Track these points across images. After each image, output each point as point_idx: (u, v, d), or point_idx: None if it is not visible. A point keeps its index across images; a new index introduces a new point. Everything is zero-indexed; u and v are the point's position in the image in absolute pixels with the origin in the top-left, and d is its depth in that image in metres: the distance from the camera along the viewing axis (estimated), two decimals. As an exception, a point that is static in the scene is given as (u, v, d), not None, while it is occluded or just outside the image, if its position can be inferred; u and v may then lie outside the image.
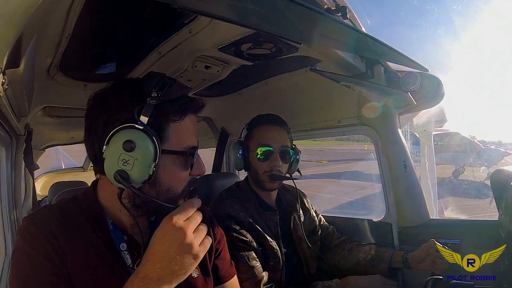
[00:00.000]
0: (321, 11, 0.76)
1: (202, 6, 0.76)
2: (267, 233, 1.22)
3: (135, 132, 0.62)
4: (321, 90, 1.58)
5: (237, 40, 1.10)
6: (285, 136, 1.30)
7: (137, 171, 0.62)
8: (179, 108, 0.68)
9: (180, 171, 0.70)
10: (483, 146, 10.28)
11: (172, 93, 0.66)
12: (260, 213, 1.26)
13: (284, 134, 1.30)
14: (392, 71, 1.33)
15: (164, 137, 0.66)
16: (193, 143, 0.72)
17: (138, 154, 0.61)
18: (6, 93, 0.78)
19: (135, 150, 0.61)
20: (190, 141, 0.71)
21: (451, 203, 5.99)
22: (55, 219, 0.65)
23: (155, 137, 0.62)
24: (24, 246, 0.62)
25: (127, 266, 0.67)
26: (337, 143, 18.19)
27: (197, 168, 0.73)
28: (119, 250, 0.67)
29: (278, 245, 1.23)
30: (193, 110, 0.72)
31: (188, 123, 0.70)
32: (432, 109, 1.67)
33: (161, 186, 0.68)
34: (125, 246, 0.68)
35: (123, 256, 0.67)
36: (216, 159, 2.27)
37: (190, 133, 0.71)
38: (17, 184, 1.26)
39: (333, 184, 9.37)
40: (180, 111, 0.68)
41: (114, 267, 0.66)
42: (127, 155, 0.61)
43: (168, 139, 0.67)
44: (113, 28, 1.12)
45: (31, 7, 0.56)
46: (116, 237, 0.68)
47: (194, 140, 0.72)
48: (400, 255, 1.29)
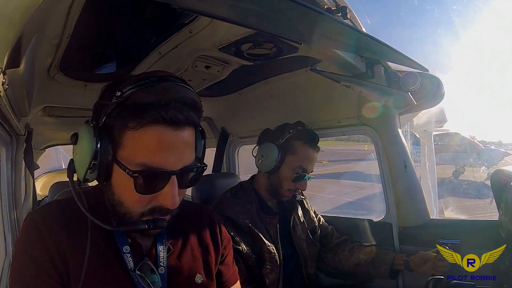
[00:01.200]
0: (321, 11, 0.76)
1: (202, 6, 0.75)
2: (266, 237, 1.22)
3: (85, 127, 0.60)
4: (321, 90, 1.58)
5: (237, 40, 1.10)
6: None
7: (76, 165, 0.62)
8: (138, 115, 0.56)
9: (132, 190, 0.58)
10: (483, 146, 10.27)
11: (142, 95, 0.56)
12: (260, 216, 1.25)
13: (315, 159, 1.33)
14: (392, 71, 1.33)
15: (119, 143, 0.58)
16: (153, 162, 0.57)
17: (78, 148, 0.61)
18: (6, 93, 0.78)
19: (77, 144, 0.61)
20: (147, 159, 0.57)
21: (451, 203, 5.99)
22: (60, 219, 0.64)
23: (99, 138, 0.57)
24: (24, 251, 0.61)
25: (128, 269, 0.65)
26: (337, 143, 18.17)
27: (161, 197, 0.60)
28: (122, 253, 0.66)
29: (276, 249, 1.23)
30: (158, 120, 0.56)
31: (149, 135, 0.56)
32: (432, 109, 1.67)
33: (115, 196, 0.63)
34: (128, 249, 0.66)
35: (125, 258, 0.66)
36: (216, 159, 2.26)
37: (148, 148, 0.56)
38: (17, 184, 1.26)
39: (333, 184, 9.35)
40: (137, 118, 0.56)
41: (115, 269, 0.64)
42: (74, 147, 0.63)
43: (124, 147, 0.58)
44: (113, 28, 1.13)
45: (31, 7, 0.56)
46: (120, 239, 0.67)
47: (157, 159, 0.57)
48: (402, 258, 1.29)
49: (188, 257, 0.75)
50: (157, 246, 0.70)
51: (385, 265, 1.31)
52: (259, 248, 1.20)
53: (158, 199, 0.61)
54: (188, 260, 0.74)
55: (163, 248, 0.71)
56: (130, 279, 0.65)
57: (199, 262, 0.76)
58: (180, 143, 0.59)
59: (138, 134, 0.57)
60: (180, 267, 0.72)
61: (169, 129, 0.57)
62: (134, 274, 0.65)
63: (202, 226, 0.82)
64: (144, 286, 0.66)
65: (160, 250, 0.70)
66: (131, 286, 0.65)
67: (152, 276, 0.67)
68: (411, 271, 1.25)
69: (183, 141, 0.59)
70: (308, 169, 1.28)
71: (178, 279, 0.71)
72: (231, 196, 1.29)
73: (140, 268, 0.66)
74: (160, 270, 0.69)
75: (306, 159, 1.27)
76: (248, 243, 1.19)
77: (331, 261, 1.45)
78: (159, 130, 0.57)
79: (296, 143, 1.27)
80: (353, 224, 1.57)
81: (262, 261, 1.21)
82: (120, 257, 0.66)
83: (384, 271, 1.31)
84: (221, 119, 2.18)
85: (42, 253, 0.60)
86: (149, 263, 0.68)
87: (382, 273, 1.32)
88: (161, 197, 0.60)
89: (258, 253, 1.20)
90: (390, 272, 1.30)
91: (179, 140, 0.59)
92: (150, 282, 0.66)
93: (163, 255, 0.70)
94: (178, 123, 0.58)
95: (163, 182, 0.59)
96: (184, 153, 0.60)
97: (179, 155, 0.59)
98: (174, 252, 0.73)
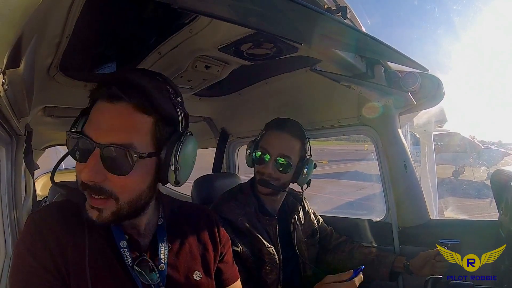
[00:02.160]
0: (321, 11, 0.76)
1: (202, 6, 0.75)
2: (265, 239, 1.21)
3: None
4: (321, 90, 1.58)
5: (237, 40, 1.10)
6: (289, 144, 1.24)
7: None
8: (91, 95, 0.64)
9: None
10: (483, 146, 10.28)
11: (104, 76, 0.65)
12: (259, 218, 1.24)
13: (289, 142, 1.24)
14: (392, 71, 1.33)
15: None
16: (85, 130, 0.61)
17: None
18: (6, 93, 0.78)
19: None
20: (87, 129, 0.61)
21: (451, 203, 5.99)
22: (60, 218, 0.65)
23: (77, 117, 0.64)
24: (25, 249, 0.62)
25: (126, 264, 0.67)
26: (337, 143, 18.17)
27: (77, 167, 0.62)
28: (119, 248, 0.67)
29: (275, 250, 1.23)
30: (101, 97, 0.61)
31: (93, 110, 0.62)
32: (432, 109, 1.67)
33: None
34: (125, 244, 0.68)
35: (122, 253, 0.67)
36: (216, 159, 2.26)
37: (91, 122, 0.61)
38: (17, 184, 1.26)
39: (333, 184, 9.36)
40: (91, 96, 0.64)
41: (114, 265, 0.66)
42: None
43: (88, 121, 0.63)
44: (113, 28, 1.12)
45: (31, 7, 0.56)
46: (117, 235, 0.68)
47: (91, 131, 0.60)
48: (402, 261, 1.28)
49: (186, 255, 0.76)
50: (158, 244, 0.72)
51: (385, 267, 1.31)
52: (259, 249, 1.20)
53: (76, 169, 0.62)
54: (186, 258, 0.75)
55: (163, 245, 0.72)
56: (128, 274, 0.66)
57: (197, 259, 0.77)
58: (112, 117, 0.60)
59: (91, 110, 0.63)
60: (178, 264, 0.73)
61: (105, 103, 0.61)
62: (132, 270, 0.66)
63: (200, 225, 0.83)
64: (143, 282, 0.67)
65: (161, 247, 0.72)
66: (129, 281, 0.66)
67: (151, 273, 0.68)
68: (411, 274, 1.25)
69: (116, 115, 0.60)
70: (268, 149, 1.24)
71: (177, 275, 0.72)
72: (230, 198, 1.28)
73: (139, 264, 0.67)
74: (160, 267, 0.70)
75: (265, 140, 1.26)
76: (247, 245, 1.18)
77: (330, 262, 1.45)
78: (99, 104, 0.62)
79: (263, 132, 1.30)
80: (353, 224, 1.57)
81: (262, 262, 1.20)
82: (118, 253, 0.67)
83: (383, 273, 1.31)
84: (221, 119, 2.18)
85: (42, 251, 0.61)
86: (147, 259, 0.69)
87: (382, 275, 1.32)
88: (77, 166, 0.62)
89: (257, 255, 1.20)
90: (390, 274, 1.30)
91: (112, 112, 0.60)
92: (149, 278, 0.67)
93: (164, 252, 0.71)
94: (112, 97, 0.60)
95: (88, 153, 0.59)
96: (114, 127, 0.60)
97: (107, 128, 0.60)
98: (172, 250, 0.74)
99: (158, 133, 0.63)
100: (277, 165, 1.23)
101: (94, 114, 0.62)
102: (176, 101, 0.67)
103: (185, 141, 0.66)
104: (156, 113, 0.63)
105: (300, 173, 1.26)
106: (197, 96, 1.84)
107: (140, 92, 0.61)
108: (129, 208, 0.63)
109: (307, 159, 1.28)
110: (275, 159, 1.22)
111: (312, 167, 1.28)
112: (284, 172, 1.23)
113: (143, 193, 0.65)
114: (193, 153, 0.69)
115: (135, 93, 0.60)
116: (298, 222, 1.35)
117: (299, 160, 1.26)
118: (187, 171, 0.68)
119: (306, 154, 1.29)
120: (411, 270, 1.24)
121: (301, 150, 1.27)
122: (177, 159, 0.64)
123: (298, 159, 1.26)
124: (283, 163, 1.22)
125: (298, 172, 1.26)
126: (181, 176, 0.66)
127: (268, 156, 1.23)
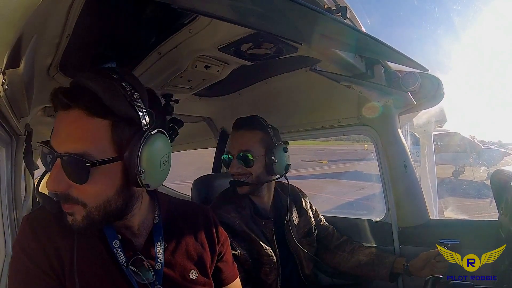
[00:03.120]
0: (321, 11, 0.76)
1: (202, 6, 0.75)
2: (262, 240, 1.22)
3: None
4: (321, 90, 1.58)
5: (237, 40, 1.10)
6: (247, 138, 1.24)
7: None
8: (51, 102, 0.62)
9: None
10: (483, 146, 10.28)
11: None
12: (255, 221, 1.25)
13: (246, 136, 1.25)
14: (392, 71, 1.33)
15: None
16: (51, 142, 0.60)
17: None
18: (6, 93, 0.78)
19: None
20: (51, 139, 0.61)
21: (451, 203, 5.99)
22: (54, 219, 0.65)
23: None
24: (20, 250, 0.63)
25: (120, 264, 0.67)
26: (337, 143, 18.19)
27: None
28: (112, 247, 0.67)
29: (273, 251, 1.23)
30: (58, 107, 0.60)
31: (56, 119, 0.61)
32: (432, 109, 1.67)
33: None
34: (118, 244, 0.68)
35: (116, 253, 0.67)
36: (216, 159, 2.26)
37: (54, 131, 0.61)
38: (17, 184, 1.26)
39: (333, 184, 9.37)
40: (53, 104, 0.62)
41: (108, 264, 0.66)
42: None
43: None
44: (113, 28, 1.12)
45: (31, 7, 0.56)
46: (109, 235, 0.68)
47: (53, 141, 0.60)
48: (402, 262, 1.28)
49: (182, 253, 0.76)
50: (154, 243, 0.72)
51: (384, 268, 1.31)
52: (257, 251, 1.20)
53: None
54: (182, 256, 0.76)
55: (160, 244, 0.72)
56: (123, 274, 0.66)
57: (193, 258, 0.77)
58: (66, 125, 0.60)
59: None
60: (174, 263, 0.74)
61: (60, 111, 0.60)
62: (126, 269, 0.66)
63: (198, 224, 0.83)
64: (138, 281, 0.67)
65: (157, 246, 0.72)
66: (124, 281, 0.66)
67: (147, 272, 0.68)
68: (410, 275, 1.25)
69: (70, 122, 0.59)
70: (229, 150, 1.27)
71: (173, 274, 0.72)
72: (226, 201, 1.27)
73: (133, 263, 0.67)
74: (157, 266, 0.70)
75: (228, 144, 1.31)
76: (245, 247, 1.19)
77: (330, 262, 1.45)
78: (58, 114, 0.60)
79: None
80: (353, 224, 1.57)
81: (261, 264, 1.20)
82: (111, 253, 0.67)
83: (383, 274, 1.31)
84: (221, 119, 2.18)
85: (38, 252, 0.62)
86: (142, 258, 0.69)
87: (382, 276, 1.32)
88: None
89: (255, 257, 1.20)
90: (389, 275, 1.30)
91: (66, 121, 0.59)
92: (145, 278, 0.67)
93: (160, 251, 0.72)
94: (64, 105, 0.59)
95: (52, 162, 0.60)
96: (69, 136, 0.59)
97: (64, 137, 0.60)
98: (168, 248, 0.74)
99: (116, 136, 0.60)
100: (240, 162, 1.24)
101: (55, 123, 0.61)
102: (133, 98, 0.61)
103: (147, 141, 0.61)
104: (111, 115, 0.59)
105: (272, 162, 1.23)
106: (197, 96, 1.85)
107: (89, 96, 0.58)
108: (99, 213, 0.61)
109: (273, 146, 1.24)
110: (237, 156, 1.24)
111: (282, 151, 1.25)
112: (249, 165, 1.23)
113: (111, 199, 0.62)
114: (160, 152, 0.63)
115: (84, 98, 0.58)
116: (292, 222, 1.34)
117: (265, 150, 1.24)
118: (154, 173, 0.63)
119: (272, 142, 1.25)
120: (411, 272, 1.24)
121: (263, 140, 1.25)
122: (139, 162, 0.60)
123: (264, 149, 1.24)
124: (244, 157, 1.23)
125: (269, 161, 1.23)
126: (148, 179, 0.62)
127: (231, 157, 1.26)
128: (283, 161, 1.26)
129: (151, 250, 0.71)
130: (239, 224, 1.20)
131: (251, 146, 1.24)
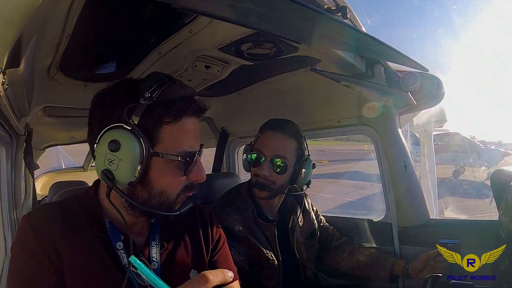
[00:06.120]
0: (321, 11, 0.76)
1: (202, 6, 0.75)
2: (264, 244, 1.19)
3: (122, 132, 0.62)
4: (321, 90, 1.58)
5: (237, 40, 1.10)
6: (284, 144, 1.20)
7: (122, 171, 0.62)
8: (174, 110, 0.65)
9: (173, 175, 0.67)
10: (483, 146, 10.26)
11: (168, 94, 0.64)
12: (257, 224, 1.22)
13: (284, 142, 1.20)
14: (392, 71, 1.32)
15: (156, 139, 0.65)
16: (191, 147, 0.68)
17: (122, 154, 0.61)
18: (6, 93, 0.78)
19: (120, 150, 0.61)
20: (187, 145, 0.68)
21: (451, 203, 5.99)
22: (54, 218, 0.65)
23: (143, 139, 0.61)
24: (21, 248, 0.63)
25: (122, 265, 0.67)
26: (337, 143, 18.18)
27: (194, 174, 0.70)
28: (115, 249, 0.68)
29: (275, 255, 1.21)
30: (190, 112, 0.68)
31: (186, 126, 0.67)
32: (432, 109, 1.67)
33: (154, 189, 0.67)
34: (121, 245, 0.68)
35: (119, 255, 0.67)
36: (216, 159, 2.27)
37: (187, 136, 0.68)
38: (17, 184, 1.26)
39: (333, 184, 9.35)
40: (174, 113, 0.65)
41: (110, 266, 0.66)
42: (112, 155, 0.61)
43: (161, 142, 0.65)
44: (113, 28, 1.12)
45: (31, 7, 0.56)
46: (113, 236, 0.68)
47: (193, 144, 0.69)
48: (401, 264, 1.28)
49: (182, 253, 0.76)
50: (150, 242, 0.72)
51: (384, 270, 1.31)
52: (257, 256, 1.18)
53: (190, 177, 0.69)
54: (182, 256, 0.76)
55: (155, 243, 0.73)
56: (124, 274, 0.66)
57: (193, 258, 0.78)
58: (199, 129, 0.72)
59: (177, 126, 0.66)
60: (173, 263, 0.74)
61: (194, 118, 0.70)
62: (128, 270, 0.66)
63: (195, 224, 0.83)
64: (139, 282, 0.67)
65: (152, 245, 0.72)
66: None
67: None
68: (410, 278, 1.25)
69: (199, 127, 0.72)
70: (262, 151, 1.22)
71: (173, 275, 0.72)
72: (227, 203, 1.25)
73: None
74: (153, 265, 0.70)
75: (259, 142, 1.24)
76: (244, 253, 1.16)
77: (330, 262, 1.45)
78: (192, 120, 0.69)
79: (258, 135, 1.27)
80: (353, 224, 1.56)
81: (261, 268, 1.19)
82: (113, 253, 0.67)
83: (383, 276, 1.31)
84: (221, 119, 2.18)
85: (38, 250, 0.62)
86: (143, 259, 0.69)
87: (381, 277, 1.32)
88: (193, 174, 0.69)
89: (256, 261, 1.18)
90: (389, 277, 1.30)
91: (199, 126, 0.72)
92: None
93: (155, 250, 0.72)
94: (200, 112, 0.71)
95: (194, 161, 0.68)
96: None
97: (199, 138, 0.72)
98: (167, 249, 0.74)
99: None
100: (272, 166, 1.19)
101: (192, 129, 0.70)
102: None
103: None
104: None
105: (298, 174, 1.21)
106: (197, 96, 1.84)
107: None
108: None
109: (304, 159, 1.23)
110: (270, 160, 1.19)
111: (310, 167, 1.24)
112: (280, 173, 1.19)
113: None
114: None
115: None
116: (296, 223, 1.33)
117: (296, 160, 1.22)
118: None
119: (303, 154, 1.24)
120: (410, 274, 1.24)
121: (297, 150, 1.23)
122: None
123: (295, 159, 1.21)
124: (278, 164, 1.18)
125: (296, 173, 1.21)
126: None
127: (263, 158, 1.20)
128: (308, 176, 1.24)
129: (147, 249, 0.72)
130: (240, 227, 1.17)
131: (287, 153, 1.20)
